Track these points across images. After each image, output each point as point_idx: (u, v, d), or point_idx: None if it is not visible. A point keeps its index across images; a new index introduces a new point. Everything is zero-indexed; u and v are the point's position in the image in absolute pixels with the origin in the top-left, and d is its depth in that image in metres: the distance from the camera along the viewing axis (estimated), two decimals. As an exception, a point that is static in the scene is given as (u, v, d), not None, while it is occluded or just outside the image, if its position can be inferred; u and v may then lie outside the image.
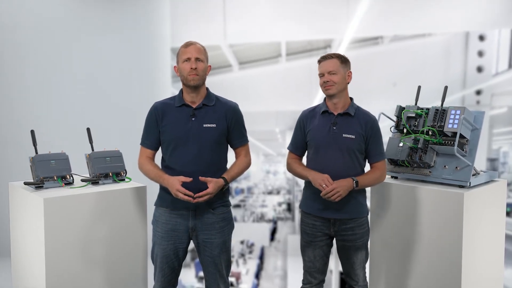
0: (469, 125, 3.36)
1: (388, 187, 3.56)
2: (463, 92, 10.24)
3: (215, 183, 2.91)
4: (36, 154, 3.26)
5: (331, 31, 10.88)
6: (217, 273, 3.12)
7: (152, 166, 3.07)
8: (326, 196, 2.99)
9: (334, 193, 2.98)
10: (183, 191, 2.83)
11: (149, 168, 3.06)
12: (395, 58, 11.15)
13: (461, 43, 10.35)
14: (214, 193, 2.91)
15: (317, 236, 3.24)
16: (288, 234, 22.17)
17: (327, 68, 3.12)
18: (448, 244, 3.23)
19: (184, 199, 2.83)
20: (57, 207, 2.96)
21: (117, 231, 3.24)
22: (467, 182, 3.28)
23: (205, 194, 2.87)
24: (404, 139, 3.49)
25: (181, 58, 3.02)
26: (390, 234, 3.57)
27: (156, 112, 3.08)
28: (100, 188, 3.27)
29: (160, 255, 3.07)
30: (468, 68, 10.22)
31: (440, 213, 3.28)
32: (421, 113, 3.49)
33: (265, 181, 36.87)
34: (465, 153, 3.34)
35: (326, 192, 2.98)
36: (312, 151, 3.23)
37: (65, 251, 3.01)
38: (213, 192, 2.90)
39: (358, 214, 3.21)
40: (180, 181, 2.86)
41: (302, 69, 12.95)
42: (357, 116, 3.19)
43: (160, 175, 3.00)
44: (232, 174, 3.06)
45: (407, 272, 3.49)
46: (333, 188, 2.98)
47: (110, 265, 3.22)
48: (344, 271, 3.35)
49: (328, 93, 3.14)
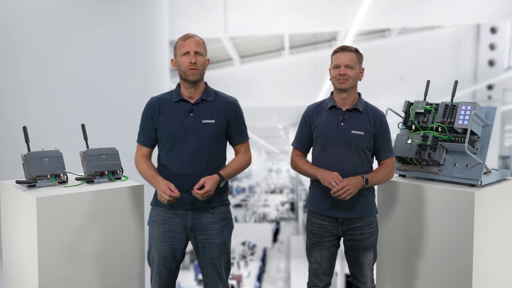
0: (480, 121, 3.35)
1: (395, 186, 3.55)
2: (474, 87, 10.23)
3: (211, 179, 2.90)
4: (29, 152, 3.26)
5: (337, 23, 10.88)
6: (216, 275, 3.12)
7: (147, 165, 3.06)
8: (336, 194, 2.98)
9: (345, 191, 2.97)
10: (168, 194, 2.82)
11: (143, 167, 3.06)
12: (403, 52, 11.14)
13: (472, 35, 10.33)
14: (213, 190, 2.91)
15: (324, 236, 3.24)
16: (291, 235, 22.18)
17: (344, 61, 3.11)
18: (458, 245, 3.23)
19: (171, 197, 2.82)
20: (51, 207, 2.96)
21: (113, 232, 3.24)
22: (478, 181, 3.27)
23: (204, 192, 2.86)
24: (412, 136, 3.49)
25: (179, 52, 3.01)
26: (397, 234, 3.57)
27: (152, 108, 3.07)
28: (96, 187, 3.26)
29: (157, 257, 3.07)
30: (479, 61, 10.20)
31: (449, 213, 3.27)
32: (430, 109, 3.48)
33: (267, 179, 36.93)
34: (476, 151, 3.33)
35: (336, 190, 2.98)
36: (319, 148, 3.23)
37: (59, 252, 3.00)
38: (212, 190, 2.90)
39: (368, 212, 3.21)
40: (168, 186, 2.85)
41: (306, 63, 12.95)
42: (366, 112, 3.19)
43: (153, 176, 3.00)
44: (228, 170, 3.05)
45: (415, 274, 3.48)
46: (343, 186, 2.97)
47: (106, 268, 3.22)
48: (352, 273, 3.34)
49: (341, 87, 3.13)
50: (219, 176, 2.96)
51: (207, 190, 2.87)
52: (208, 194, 2.89)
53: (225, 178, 3.01)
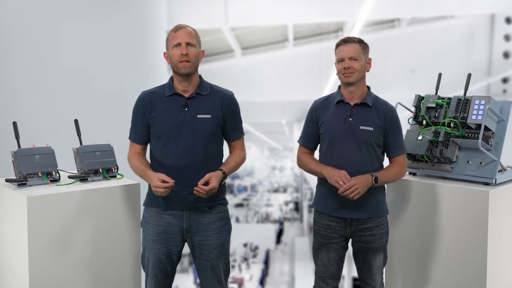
0: (495, 116, 3.35)
1: (406, 184, 3.55)
2: (488, 80, 10.19)
3: (216, 176, 2.91)
4: (19, 148, 3.26)
5: (343, 13, 10.86)
6: (215, 279, 3.11)
7: (139, 162, 3.07)
8: (344, 193, 2.98)
9: (353, 191, 2.97)
10: (162, 186, 2.81)
11: (135, 164, 3.07)
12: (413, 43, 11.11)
13: (486, 26, 10.30)
14: (217, 187, 2.91)
15: (332, 237, 3.24)
16: (295, 236, 22.20)
17: (348, 54, 3.10)
18: (471, 247, 3.23)
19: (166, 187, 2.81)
20: (42, 206, 2.96)
21: (108, 233, 3.24)
22: (492, 179, 3.27)
23: (210, 189, 2.86)
24: (423, 131, 3.48)
25: (170, 44, 3.00)
26: (408, 236, 3.57)
27: (144, 103, 3.07)
28: (89, 185, 3.27)
29: (152, 260, 3.06)
30: (493, 53, 10.17)
31: (463, 212, 3.27)
32: (442, 103, 3.48)
33: (270, 178, 36.94)
34: (490, 147, 3.33)
35: (344, 189, 2.97)
36: (326, 145, 3.23)
37: (50, 254, 3.00)
38: (217, 187, 2.90)
39: (377, 213, 3.21)
40: (159, 179, 2.84)
41: (311, 55, 12.92)
42: (375, 107, 3.18)
43: (143, 171, 3.00)
44: (229, 166, 3.06)
45: (427, 277, 3.48)
46: (351, 185, 2.97)
47: (99, 270, 3.22)
48: (360, 276, 3.34)
49: (347, 80, 3.13)
50: (222, 173, 2.96)
51: (213, 187, 2.87)
52: (212, 192, 2.89)
53: (227, 175, 3.01)
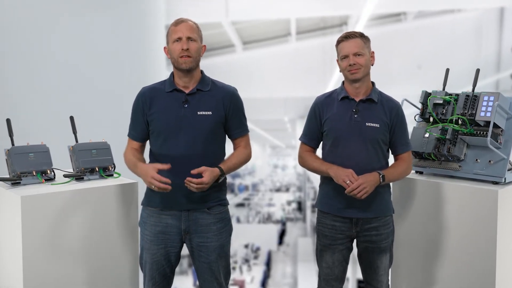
0: (504, 113, 3.34)
1: (412, 183, 3.55)
2: (497, 75, 10.19)
3: (211, 172, 2.87)
4: (13, 146, 3.26)
5: (348, 6, 10.86)
6: (214, 282, 3.10)
7: (132, 155, 3.06)
8: (352, 193, 2.98)
9: (361, 190, 2.97)
10: (159, 178, 2.79)
11: (129, 158, 3.06)
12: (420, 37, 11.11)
13: (495, 20, 10.29)
14: (209, 183, 2.87)
15: (337, 238, 3.23)
16: (298, 237, 22.24)
17: (351, 49, 3.09)
18: (480, 247, 3.23)
19: (160, 187, 2.79)
20: (36, 206, 2.96)
21: (104, 233, 3.24)
22: (502, 178, 3.27)
23: (199, 182, 2.82)
24: (430, 129, 3.48)
25: (171, 38, 2.99)
26: (414, 236, 3.57)
27: (143, 99, 3.06)
28: (85, 184, 3.27)
29: (149, 261, 3.06)
30: (502, 48, 10.17)
31: (471, 212, 3.27)
32: (449, 100, 3.48)
33: (272, 176, 37.02)
34: (500, 145, 3.33)
35: (352, 189, 2.97)
36: (330, 143, 3.22)
37: (45, 255, 3.00)
38: (208, 183, 2.86)
39: (384, 212, 3.20)
40: (155, 168, 2.83)
41: (314, 49, 12.93)
42: (381, 103, 3.18)
43: (134, 163, 2.99)
44: (229, 164, 3.04)
45: (433, 279, 3.48)
46: (359, 184, 2.96)
47: (97, 271, 3.23)
48: (365, 278, 3.34)
49: (354, 77, 3.12)
50: (220, 171, 2.94)
51: (204, 181, 2.82)
52: (202, 187, 2.85)
53: (225, 173, 3.00)
